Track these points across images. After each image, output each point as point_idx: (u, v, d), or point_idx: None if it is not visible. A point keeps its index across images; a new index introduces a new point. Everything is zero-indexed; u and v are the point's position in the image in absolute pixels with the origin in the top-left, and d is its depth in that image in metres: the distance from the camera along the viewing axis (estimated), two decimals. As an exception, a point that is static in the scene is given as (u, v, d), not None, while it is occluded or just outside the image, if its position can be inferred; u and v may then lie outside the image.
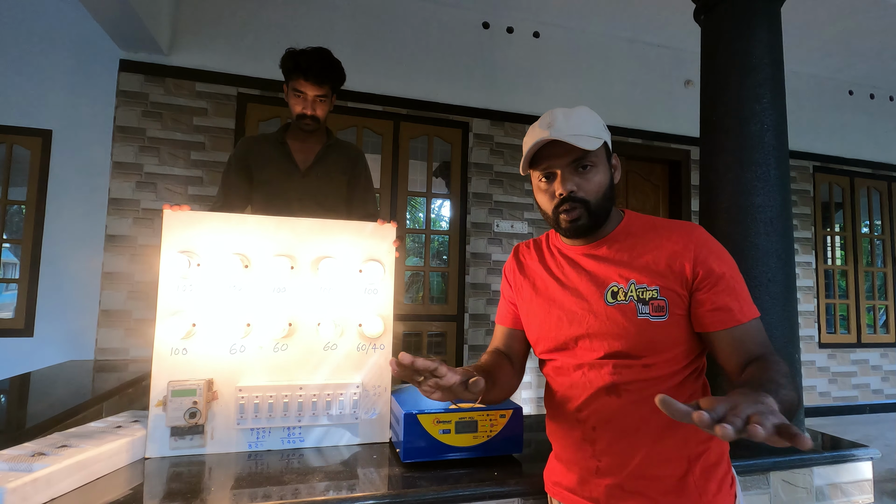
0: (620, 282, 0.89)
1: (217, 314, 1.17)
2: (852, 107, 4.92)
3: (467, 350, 3.62)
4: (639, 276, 0.88)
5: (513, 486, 1.00)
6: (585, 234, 0.93)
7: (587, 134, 0.87)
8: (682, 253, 0.87)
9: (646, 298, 0.87)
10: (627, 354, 0.86)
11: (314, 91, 1.75)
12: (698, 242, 0.88)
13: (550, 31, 3.98)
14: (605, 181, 0.91)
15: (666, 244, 0.89)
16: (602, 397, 0.88)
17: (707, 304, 0.85)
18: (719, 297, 0.85)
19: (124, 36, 2.90)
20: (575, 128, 0.87)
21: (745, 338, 0.84)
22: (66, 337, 3.05)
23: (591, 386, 0.89)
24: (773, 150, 1.54)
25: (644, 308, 0.86)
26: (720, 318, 0.84)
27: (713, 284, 0.85)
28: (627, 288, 0.88)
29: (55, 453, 0.91)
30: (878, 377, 4.77)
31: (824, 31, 3.98)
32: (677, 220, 0.95)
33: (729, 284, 0.85)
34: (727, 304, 0.84)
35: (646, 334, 0.86)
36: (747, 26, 1.59)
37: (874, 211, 5.03)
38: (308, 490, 0.93)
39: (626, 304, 0.88)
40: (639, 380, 0.86)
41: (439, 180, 3.99)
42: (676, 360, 0.87)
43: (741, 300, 0.85)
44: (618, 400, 0.86)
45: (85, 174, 3.13)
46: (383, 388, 1.25)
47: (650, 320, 0.86)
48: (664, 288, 0.86)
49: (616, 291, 0.89)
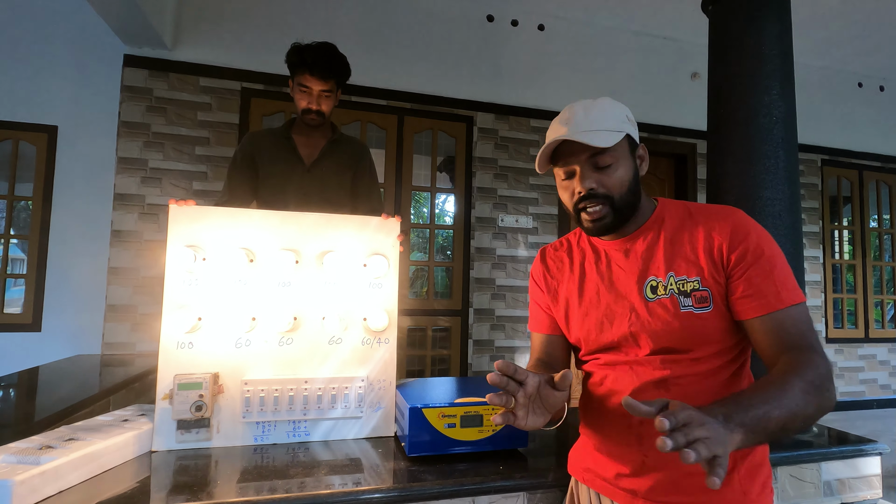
0: (659, 275, 0.86)
1: (223, 308, 1.17)
2: (861, 99, 4.86)
3: (472, 345, 3.62)
4: (678, 268, 0.85)
5: (518, 479, 1.00)
6: (611, 231, 0.90)
7: (606, 128, 0.84)
8: (718, 237, 0.83)
9: (687, 290, 0.83)
10: (675, 349, 0.84)
11: (319, 86, 1.75)
12: (735, 225, 0.83)
13: (555, 24, 3.95)
14: (627, 175, 0.87)
15: (702, 230, 0.85)
16: (650, 391, 0.84)
17: (739, 290, 0.81)
18: (752, 282, 0.80)
19: (128, 31, 2.90)
20: (593, 122, 0.84)
21: (779, 327, 0.78)
22: (74, 332, 3.07)
23: (639, 380, 0.85)
24: (781, 143, 1.52)
25: (686, 301, 0.83)
26: (752, 305, 0.80)
27: (746, 268, 0.81)
28: (667, 281, 0.85)
29: (63, 446, 0.92)
30: (886, 372, 4.74)
31: (833, 22, 3.93)
32: (714, 205, 0.90)
33: (765, 268, 0.80)
34: (761, 290, 0.79)
35: (692, 328, 0.82)
36: (756, 16, 1.57)
37: (883, 205, 4.98)
38: (314, 483, 0.93)
39: (668, 298, 0.84)
40: (688, 374, 0.83)
41: (443, 175, 3.98)
42: (726, 352, 0.84)
43: (778, 284, 0.79)
44: (667, 394, 0.82)
45: (90, 170, 3.14)
46: (388, 383, 1.25)
47: (694, 313, 0.82)
48: (705, 278, 0.82)
49: (655, 286, 0.86)
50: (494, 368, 0.74)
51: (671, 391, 0.83)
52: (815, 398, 0.70)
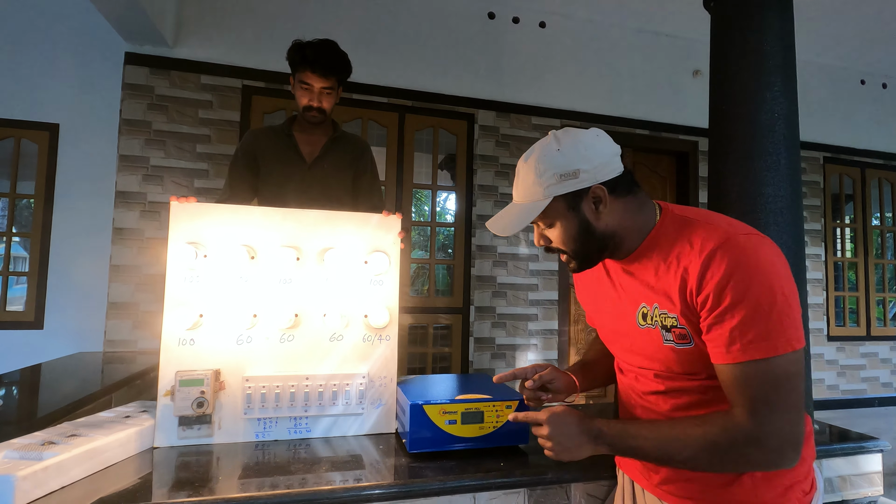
0: (648, 304, 0.86)
1: (224, 305, 1.17)
2: (864, 96, 4.84)
3: (473, 343, 3.62)
4: (661, 300, 0.83)
5: (519, 476, 1.00)
6: (594, 265, 0.91)
7: (529, 198, 0.85)
8: (690, 279, 0.77)
9: (667, 325, 0.82)
10: (668, 371, 0.85)
11: (320, 83, 1.75)
12: (706, 265, 0.75)
13: (557, 21, 3.94)
14: (571, 230, 0.86)
15: (682, 265, 0.79)
16: (653, 397, 0.89)
17: (703, 334, 0.77)
18: (710, 331, 0.76)
19: (129, 29, 2.90)
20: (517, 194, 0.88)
21: (728, 379, 0.75)
22: (76, 329, 3.08)
23: (643, 388, 0.91)
24: (783, 139, 1.52)
25: (668, 335, 0.82)
26: (711, 352, 0.77)
27: (707, 315, 0.75)
28: (652, 311, 0.84)
29: (65, 442, 0.92)
30: (888, 370, 4.73)
31: (836, 19, 3.91)
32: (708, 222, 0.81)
33: (724, 317, 0.73)
34: (714, 340, 0.75)
35: (677, 359, 0.83)
36: (759, 13, 1.57)
37: (885, 202, 4.97)
38: (315, 480, 0.93)
39: (654, 329, 0.84)
40: (688, 387, 0.84)
41: (444, 173, 3.98)
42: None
43: (732, 339, 0.73)
44: (672, 401, 0.87)
45: (92, 167, 3.15)
46: (389, 379, 1.26)
47: (675, 348, 0.82)
48: (682, 315, 0.79)
49: (646, 314, 0.86)
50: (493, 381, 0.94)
51: (677, 399, 0.86)
52: (715, 457, 0.75)
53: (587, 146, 0.84)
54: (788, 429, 0.72)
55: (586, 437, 0.86)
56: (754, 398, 0.73)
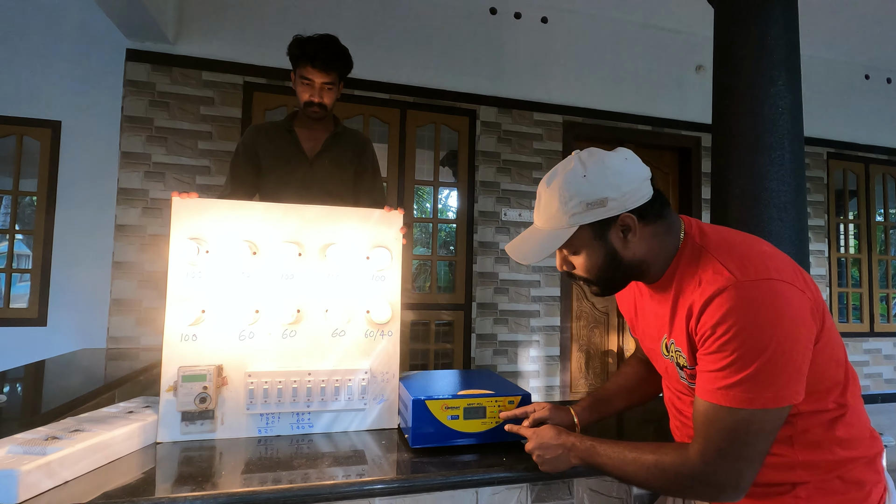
0: (670, 337, 0.85)
1: (226, 301, 1.18)
2: (868, 91, 4.81)
3: (475, 339, 3.63)
4: (677, 337, 0.83)
5: (521, 471, 1.00)
6: (618, 290, 0.92)
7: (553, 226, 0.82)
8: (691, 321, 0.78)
9: (681, 363, 0.83)
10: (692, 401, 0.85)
11: (321, 78, 1.74)
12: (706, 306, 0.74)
13: (559, 17, 3.92)
14: (596, 260, 0.83)
15: (690, 303, 0.78)
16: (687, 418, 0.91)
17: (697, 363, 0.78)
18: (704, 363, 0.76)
19: (130, 25, 2.89)
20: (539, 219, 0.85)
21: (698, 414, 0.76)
22: (79, 326, 3.09)
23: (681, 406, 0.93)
24: (787, 134, 1.51)
25: (682, 373, 0.84)
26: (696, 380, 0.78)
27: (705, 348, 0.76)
28: (671, 345, 0.85)
29: (69, 437, 0.92)
30: (891, 367, 4.72)
31: (840, 13, 3.88)
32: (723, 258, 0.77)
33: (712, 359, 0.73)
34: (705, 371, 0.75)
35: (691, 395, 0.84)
36: (763, 7, 1.55)
37: (889, 198, 4.93)
38: (317, 475, 0.93)
39: (672, 363, 0.87)
40: None
41: (446, 169, 3.97)
42: None
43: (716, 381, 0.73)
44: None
45: (94, 165, 3.14)
46: (391, 375, 1.26)
47: (688, 385, 0.84)
48: (689, 354, 0.80)
49: (668, 345, 0.86)
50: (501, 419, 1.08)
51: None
52: (664, 483, 0.79)
53: (616, 172, 0.79)
54: (733, 477, 0.74)
55: (562, 450, 0.92)
56: (709, 440, 0.74)
